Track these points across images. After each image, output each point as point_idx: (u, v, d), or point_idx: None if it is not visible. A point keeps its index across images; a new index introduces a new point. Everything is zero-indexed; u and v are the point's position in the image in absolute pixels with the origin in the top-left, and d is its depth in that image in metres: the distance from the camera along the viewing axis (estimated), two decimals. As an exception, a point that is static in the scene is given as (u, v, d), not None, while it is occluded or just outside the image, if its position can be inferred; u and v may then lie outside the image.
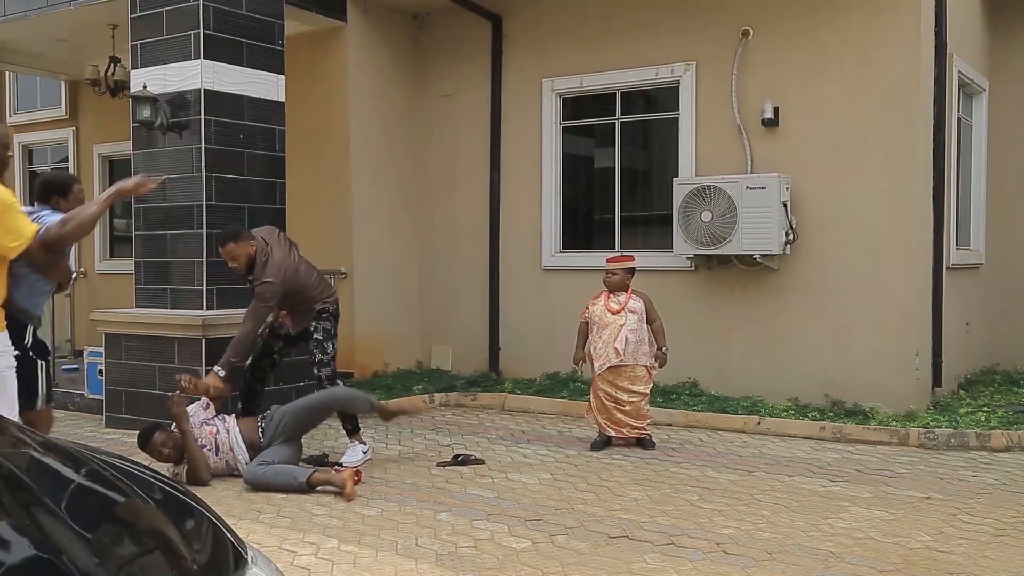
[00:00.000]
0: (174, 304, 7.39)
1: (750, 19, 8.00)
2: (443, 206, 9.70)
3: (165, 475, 2.34)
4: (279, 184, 7.85)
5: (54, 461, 2.19)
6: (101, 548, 1.74)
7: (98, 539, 1.77)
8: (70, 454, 2.24)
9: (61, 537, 1.71)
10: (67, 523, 1.78)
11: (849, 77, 7.60)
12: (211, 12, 7.27)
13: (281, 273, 6.00)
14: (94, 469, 2.14)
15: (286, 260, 6.09)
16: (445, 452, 6.61)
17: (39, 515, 1.77)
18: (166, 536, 1.90)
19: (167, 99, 7.37)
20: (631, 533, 4.72)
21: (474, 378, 9.18)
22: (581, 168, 9.40)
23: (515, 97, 9.25)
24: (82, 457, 2.21)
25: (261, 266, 6.01)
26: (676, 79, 8.37)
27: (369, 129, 9.30)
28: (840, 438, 6.94)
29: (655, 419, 7.18)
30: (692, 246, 7.87)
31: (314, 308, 6.26)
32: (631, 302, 6.68)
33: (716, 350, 8.15)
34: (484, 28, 9.31)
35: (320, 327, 6.25)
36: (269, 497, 5.46)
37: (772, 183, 7.53)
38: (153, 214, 7.59)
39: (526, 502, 5.32)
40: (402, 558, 4.37)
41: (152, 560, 1.82)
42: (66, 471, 2.14)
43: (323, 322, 6.27)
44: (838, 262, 7.65)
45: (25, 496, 1.85)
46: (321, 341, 6.23)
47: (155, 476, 2.26)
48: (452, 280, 9.64)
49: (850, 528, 4.79)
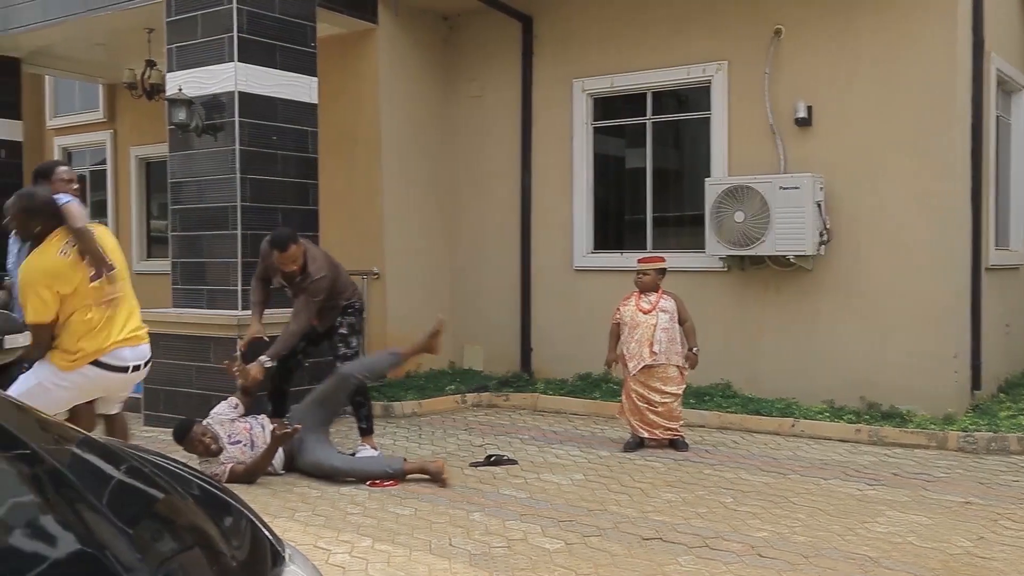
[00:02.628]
0: (210, 304, 7.46)
1: (782, 17, 7.93)
2: (474, 207, 9.71)
3: (204, 473, 2.36)
4: (312, 185, 7.90)
5: (95, 457, 2.22)
6: (142, 543, 1.76)
7: (139, 534, 1.79)
8: (110, 451, 2.27)
9: (104, 532, 1.73)
10: (109, 518, 1.80)
11: (884, 75, 7.51)
12: (244, 15, 7.34)
13: (329, 268, 6.15)
14: (134, 466, 2.16)
15: (327, 262, 6.22)
16: (478, 452, 6.62)
17: (82, 510, 1.79)
18: (205, 533, 1.91)
19: (202, 101, 7.44)
20: (665, 535, 4.69)
21: (506, 378, 9.18)
22: (612, 168, 9.37)
23: (546, 97, 9.25)
24: (122, 454, 2.23)
25: (311, 262, 6.09)
26: (708, 78, 8.32)
27: (400, 130, 9.33)
28: (876, 441, 6.86)
29: (688, 420, 7.14)
30: (724, 246, 7.82)
31: (339, 305, 6.34)
32: (662, 301, 6.66)
33: (749, 351, 8.09)
34: (515, 29, 9.32)
35: (345, 322, 6.35)
36: (304, 495, 5.50)
37: (806, 183, 7.47)
38: (189, 215, 7.67)
39: (559, 503, 5.32)
40: (435, 557, 4.38)
41: (192, 556, 1.84)
42: (107, 467, 2.16)
43: (348, 317, 6.38)
44: (874, 262, 7.57)
45: (69, 492, 1.88)
46: (346, 335, 6.33)
47: (193, 473, 2.28)
48: (484, 280, 9.65)
49: (888, 532, 4.74)
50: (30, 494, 1.95)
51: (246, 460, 5.82)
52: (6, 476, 2.03)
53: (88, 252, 4.67)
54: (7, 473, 2.05)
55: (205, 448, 5.77)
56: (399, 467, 5.73)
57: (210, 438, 5.80)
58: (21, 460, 2.06)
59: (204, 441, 5.77)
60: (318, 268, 6.09)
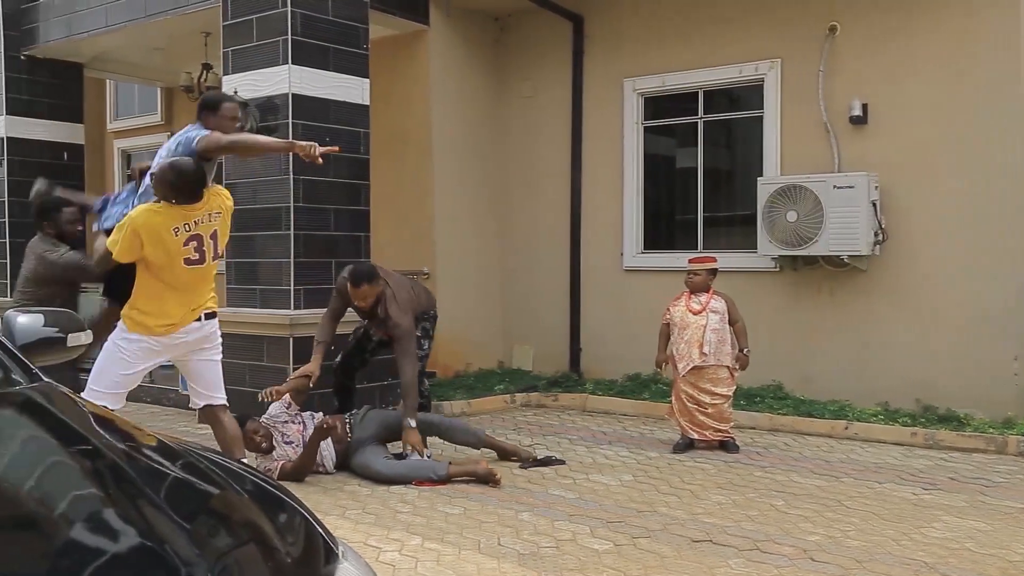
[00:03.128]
0: (263, 304, 7.56)
1: (837, 14, 7.83)
2: (524, 207, 9.73)
3: (258, 470, 2.40)
4: (363, 186, 7.98)
5: (153, 453, 2.27)
6: (200, 538, 1.80)
7: (196, 530, 1.83)
8: (167, 447, 2.32)
9: (163, 527, 1.78)
10: (167, 513, 1.84)
11: (943, 72, 7.37)
12: (298, 18, 7.44)
13: (410, 303, 6.22)
14: (190, 462, 2.21)
15: (409, 295, 6.29)
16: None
17: (143, 505, 1.84)
18: (260, 529, 1.95)
19: (257, 103, 7.55)
20: (714, 537, 4.66)
21: (555, 378, 9.18)
22: (663, 168, 9.32)
23: (596, 97, 9.23)
24: (178, 450, 2.28)
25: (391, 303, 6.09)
26: (760, 77, 8.24)
27: (451, 131, 9.38)
28: (932, 445, 6.74)
29: (738, 422, 7.08)
30: (777, 246, 7.74)
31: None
32: (713, 302, 6.61)
33: (801, 352, 8.00)
34: (565, 28, 9.31)
35: (420, 327, 6.42)
36: (355, 493, 5.56)
37: (860, 182, 7.36)
38: (243, 216, 7.77)
39: (608, 504, 5.31)
40: (484, 557, 4.40)
41: (247, 552, 1.87)
42: (164, 463, 2.22)
43: (423, 323, 6.47)
44: (930, 263, 7.43)
45: (129, 487, 1.93)
46: (419, 338, 6.37)
47: (247, 470, 2.33)
48: (533, 280, 9.66)
49: (944, 538, 4.65)
50: (92, 489, 2.00)
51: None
52: (69, 471, 2.09)
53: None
54: (70, 468, 2.11)
55: (256, 445, 5.87)
56: (443, 472, 5.73)
57: (262, 436, 5.90)
58: (83, 455, 2.13)
59: (255, 438, 5.87)
60: (398, 312, 6.05)
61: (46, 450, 2.15)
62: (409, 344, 6.08)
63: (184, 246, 4.89)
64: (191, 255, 4.92)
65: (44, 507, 1.86)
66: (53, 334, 2.93)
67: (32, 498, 1.89)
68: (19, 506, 1.85)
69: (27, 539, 1.73)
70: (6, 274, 9.93)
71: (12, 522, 1.78)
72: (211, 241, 4.99)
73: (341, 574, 1.95)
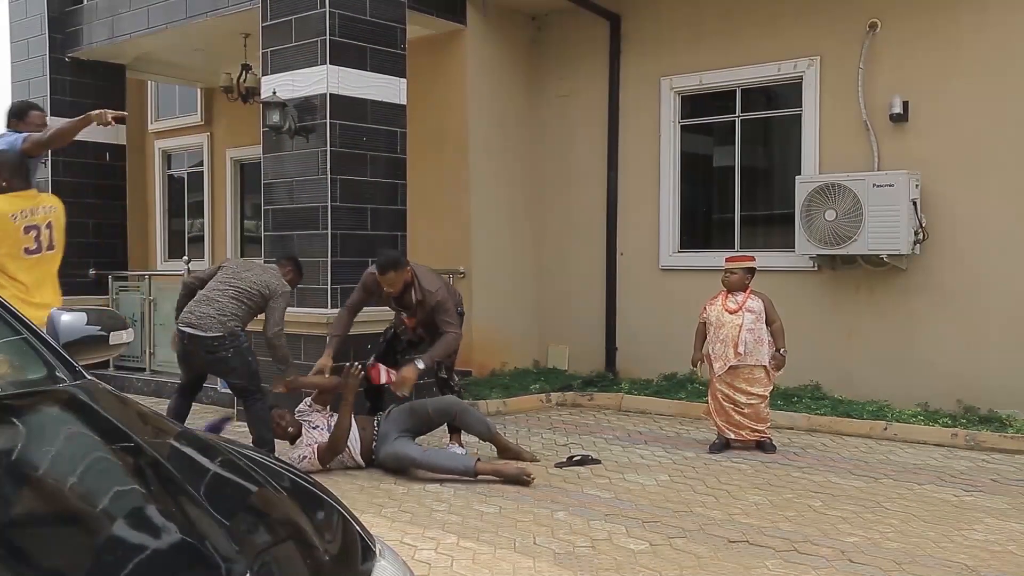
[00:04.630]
0: (300, 303, 7.63)
1: (878, 11, 7.73)
2: (560, 206, 9.73)
3: (295, 467, 2.42)
4: (400, 185, 8.02)
5: (192, 450, 2.31)
6: (239, 535, 1.82)
7: (235, 526, 1.85)
8: (206, 444, 2.36)
9: (203, 524, 1.80)
10: (207, 510, 1.87)
11: (986, 70, 7.26)
12: (336, 19, 7.49)
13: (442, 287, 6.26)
14: (229, 459, 2.24)
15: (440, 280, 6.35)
16: (562, 452, 6.63)
17: (183, 502, 1.87)
18: (299, 526, 1.97)
19: (295, 104, 7.62)
20: (751, 538, 4.63)
21: (591, 378, 9.17)
22: (700, 167, 9.27)
23: (633, 96, 9.20)
24: (218, 447, 2.31)
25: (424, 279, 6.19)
26: (799, 75, 8.17)
27: (487, 130, 9.40)
28: (974, 446, 6.64)
29: (776, 422, 7.02)
30: (815, 245, 7.67)
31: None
32: (749, 301, 6.56)
33: (840, 352, 7.92)
34: (602, 27, 9.29)
35: None
36: (391, 492, 5.60)
37: (901, 180, 7.27)
38: (281, 215, 7.87)
39: (643, 503, 5.29)
40: (520, 556, 4.41)
41: (286, 549, 1.89)
42: (203, 460, 2.25)
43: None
44: (972, 262, 7.32)
45: (170, 484, 1.96)
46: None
47: (286, 467, 2.35)
48: (569, 280, 9.65)
49: (986, 540, 4.59)
50: (134, 485, 2.04)
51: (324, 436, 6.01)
52: (112, 468, 2.13)
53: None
54: (113, 465, 2.15)
55: (283, 431, 6.01)
56: (470, 466, 5.78)
57: (287, 421, 6.03)
58: (126, 452, 2.16)
59: (281, 424, 6.01)
60: (431, 282, 6.18)
61: (89, 447, 2.19)
62: (450, 313, 6.14)
63: (25, 234, 5.03)
64: (30, 244, 5.06)
65: (87, 503, 1.89)
66: (96, 332, 2.98)
67: (75, 494, 1.93)
68: (63, 502, 1.89)
69: (70, 535, 1.76)
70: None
71: (56, 518, 1.82)
72: (47, 231, 5.15)
73: (378, 572, 1.96)
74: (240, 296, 5.99)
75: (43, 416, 2.32)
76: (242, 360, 5.98)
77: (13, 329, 2.62)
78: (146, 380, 9.44)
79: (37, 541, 1.71)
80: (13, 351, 2.60)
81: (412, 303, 6.25)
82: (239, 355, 5.95)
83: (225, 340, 5.89)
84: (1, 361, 2.60)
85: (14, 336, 2.61)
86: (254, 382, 6.05)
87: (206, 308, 5.94)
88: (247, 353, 6.01)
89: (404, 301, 6.29)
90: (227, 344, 5.90)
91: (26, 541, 1.69)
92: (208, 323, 5.89)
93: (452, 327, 6.15)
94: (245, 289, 6.01)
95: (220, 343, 5.89)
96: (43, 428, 2.26)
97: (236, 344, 5.93)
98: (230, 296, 5.97)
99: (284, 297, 6.09)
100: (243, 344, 5.99)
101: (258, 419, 6.02)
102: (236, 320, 5.96)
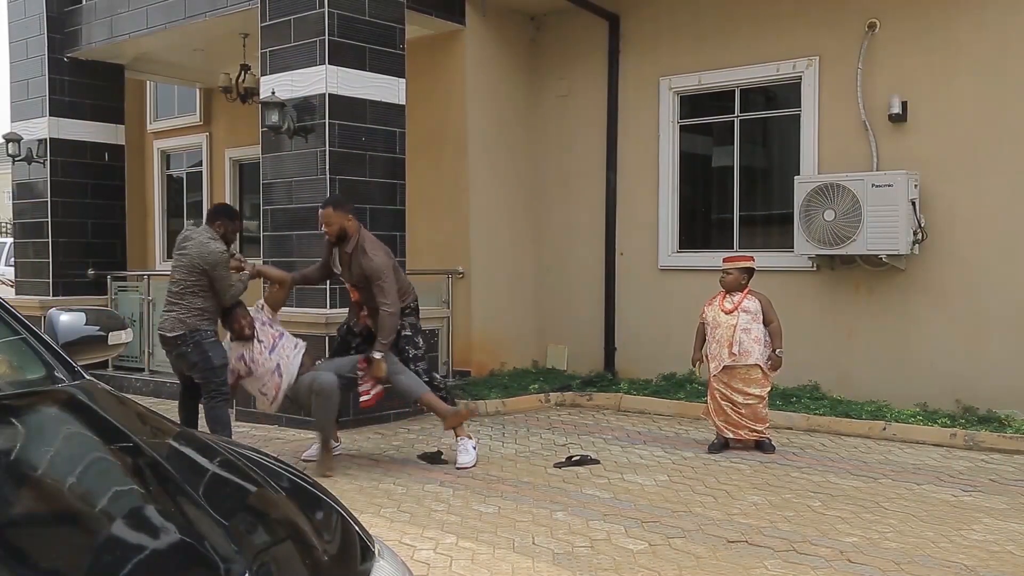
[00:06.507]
0: (299, 303, 7.63)
1: (877, 11, 7.74)
2: (559, 206, 9.73)
3: (295, 467, 2.42)
4: (399, 185, 8.02)
5: (191, 451, 2.31)
6: (238, 535, 1.82)
7: (235, 526, 1.85)
8: (206, 444, 2.36)
9: (202, 524, 1.80)
10: (206, 510, 1.87)
11: (984, 70, 7.26)
12: (335, 19, 7.49)
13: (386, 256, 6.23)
14: (229, 459, 2.24)
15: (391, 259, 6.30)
16: (561, 452, 6.63)
17: (182, 502, 1.87)
18: (298, 526, 1.97)
19: (294, 104, 7.62)
20: (750, 538, 4.64)
21: (590, 378, 9.17)
22: (699, 167, 9.28)
23: (632, 96, 9.21)
24: (217, 448, 2.32)
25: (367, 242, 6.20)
26: (798, 75, 8.18)
27: (486, 130, 9.40)
28: (972, 446, 6.64)
29: (774, 422, 7.02)
30: (814, 246, 7.68)
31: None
32: (745, 302, 6.55)
33: (838, 352, 7.92)
34: (601, 28, 9.30)
35: (407, 323, 6.35)
36: (390, 491, 5.60)
37: (900, 180, 7.28)
38: (280, 215, 7.87)
39: (642, 503, 5.30)
40: (519, 556, 4.42)
41: (285, 549, 1.90)
42: (202, 460, 2.25)
43: (408, 318, 6.38)
44: (971, 262, 7.33)
45: (169, 484, 1.96)
46: (411, 336, 6.35)
47: (285, 467, 2.35)
48: (568, 280, 9.66)
49: (984, 540, 4.59)
50: (133, 485, 2.04)
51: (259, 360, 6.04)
52: (111, 468, 2.13)
53: None
54: (112, 465, 2.14)
55: (240, 329, 6.07)
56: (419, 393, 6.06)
57: (248, 323, 6.09)
58: (125, 452, 2.16)
59: (242, 323, 6.08)
60: (372, 248, 6.17)
61: (88, 447, 2.19)
62: (387, 281, 6.09)
63: None
64: None
65: (86, 503, 1.89)
66: (95, 332, 2.98)
67: (74, 494, 1.93)
68: (62, 502, 1.89)
69: (69, 535, 1.76)
70: (48, 272, 10.11)
71: (55, 518, 1.82)
72: None
73: (377, 572, 1.96)
74: (192, 287, 6.02)
75: (42, 416, 2.31)
76: (201, 355, 5.97)
77: (12, 329, 2.62)
78: (145, 380, 9.44)
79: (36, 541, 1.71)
80: (12, 351, 2.60)
81: (347, 257, 6.25)
82: (198, 349, 5.97)
83: (186, 337, 5.97)
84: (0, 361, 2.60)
85: (13, 336, 2.61)
86: (215, 378, 6.01)
87: (170, 310, 6.07)
88: (209, 348, 5.99)
89: (342, 255, 6.29)
90: (187, 339, 5.96)
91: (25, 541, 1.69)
92: (171, 324, 6.02)
93: (386, 305, 6.08)
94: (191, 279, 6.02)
95: (182, 340, 5.97)
96: (42, 428, 2.26)
97: (196, 339, 5.97)
98: (187, 291, 6.02)
99: (223, 262, 6.04)
100: (206, 339, 5.98)
101: (215, 419, 6.02)
102: (198, 312, 6.00)
